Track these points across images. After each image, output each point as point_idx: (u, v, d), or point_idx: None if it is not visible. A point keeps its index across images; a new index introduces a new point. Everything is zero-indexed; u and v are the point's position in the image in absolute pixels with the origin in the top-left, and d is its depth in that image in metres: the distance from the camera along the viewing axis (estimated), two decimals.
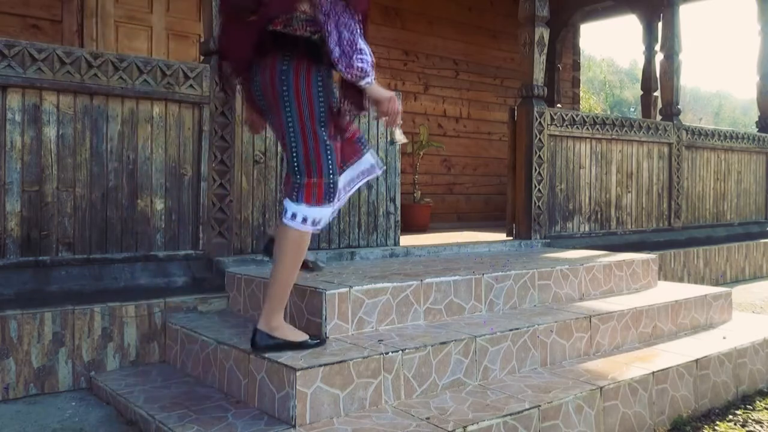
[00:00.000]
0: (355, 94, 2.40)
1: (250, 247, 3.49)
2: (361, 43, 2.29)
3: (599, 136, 5.28)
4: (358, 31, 2.29)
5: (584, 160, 5.21)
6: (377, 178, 3.95)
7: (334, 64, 2.29)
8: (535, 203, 4.72)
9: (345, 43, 2.25)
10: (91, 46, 4.85)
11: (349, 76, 2.30)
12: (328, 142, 2.42)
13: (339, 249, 3.78)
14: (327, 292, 2.60)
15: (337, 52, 2.25)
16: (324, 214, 2.43)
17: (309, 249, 3.45)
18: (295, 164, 2.40)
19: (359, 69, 2.28)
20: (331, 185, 2.43)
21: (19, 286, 2.82)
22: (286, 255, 2.38)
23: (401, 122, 2.49)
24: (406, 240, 4.35)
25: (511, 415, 2.27)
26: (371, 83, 2.34)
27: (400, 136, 2.63)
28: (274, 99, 2.39)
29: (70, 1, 4.77)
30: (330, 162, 2.42)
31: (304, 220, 2.38)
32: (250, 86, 2.50)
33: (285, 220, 2.40)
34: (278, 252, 2.41)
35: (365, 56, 2.29)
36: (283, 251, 2.39)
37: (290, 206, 2.40)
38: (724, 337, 3.44)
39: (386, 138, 4.00)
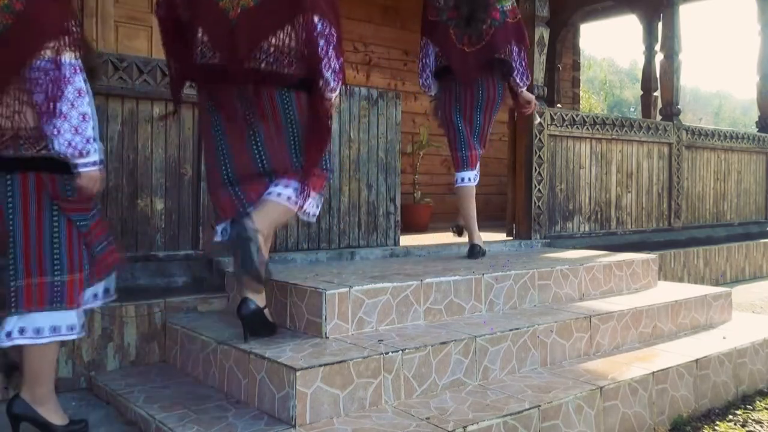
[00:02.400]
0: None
1: None
2: None
3: (599, 136, 5.28)
4: None
5: (584, 160, 5.21)
6: (377, 178, 3.95)
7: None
8: (535, 203, 4.72)
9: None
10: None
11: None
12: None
13: (339, 249, 3.78)
14: (327, 292, 2.60)
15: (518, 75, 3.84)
16: None
17: (309, 249, 3.45)
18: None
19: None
20: None
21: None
22: None
23: None
24: (406, 240, 4.35)
25: (511, 415, 2.27)
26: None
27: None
28: (493, 103, 3.80)
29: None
30: None
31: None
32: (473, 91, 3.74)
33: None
34: None
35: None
36: None
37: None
38: (724, 337, 3.44)
39: (386, 137, 4.00)
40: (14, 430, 2.19)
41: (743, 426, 2.84)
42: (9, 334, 2.11)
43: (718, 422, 2.88)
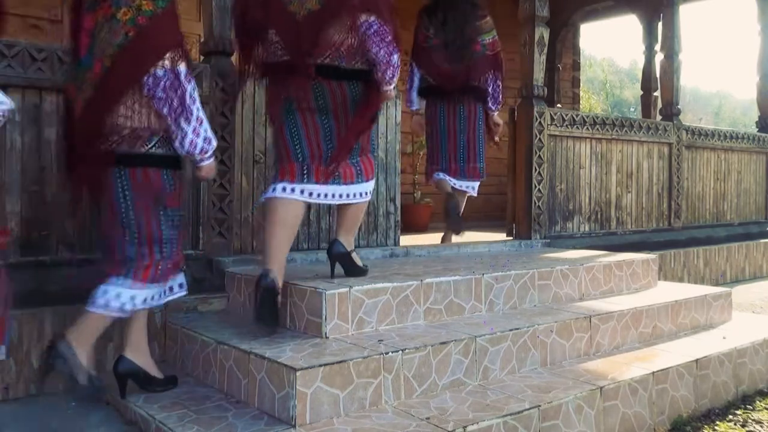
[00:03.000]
0: None
1: (251, 247, 3.49)
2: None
3: (599, 136, 5.28)
4: None
5: (584, 160, 5.20)
6: (377, 178, 3.95)
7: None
8: (535, 203, 4.72)
9: None
10: None
11: None
12: None
13: None
14: (327, 292, 2.60)
15: None
16: None
17: (309, 249, 3.44)
18: None
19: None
20: None
21: (19, 286, 2.81)
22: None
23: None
24: (406, 240, 4.35)
25: (511, 415, 2.26)
26: None
27: None
28: (475, 117, 4.25)
29: (70, 1, 4.77)
30: None
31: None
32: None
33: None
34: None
35: None
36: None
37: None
38: (724, 337, 3.44)
39: (386, 138, 4.00)
40: (121, 389, 2.50)
41: (743, 426, 2.84)
42: (134, 302, 2.44)
43: (718, 422, 2.88)
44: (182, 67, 2.35)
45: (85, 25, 2.39)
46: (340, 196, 2.81)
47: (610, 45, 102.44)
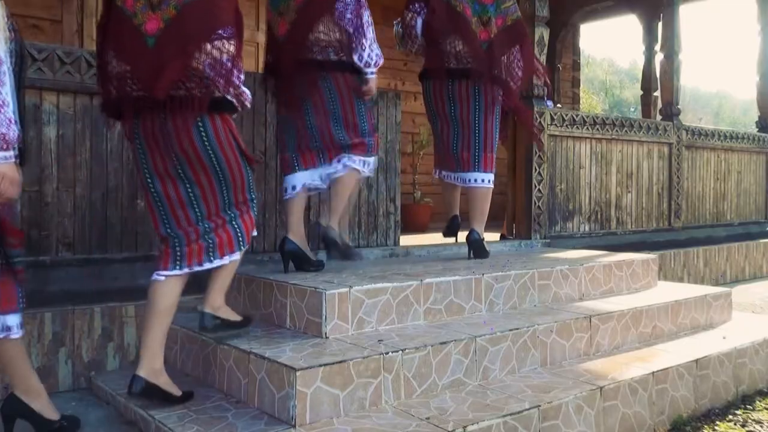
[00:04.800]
0: None
1: (251, 247, 3.48)
2: None
3: (599, 136, 5.28)
4: None
5: (584, 160, 5.21)
6: (377, 178, 3.95)
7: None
8: (535, 203, 4.73)
9: None
10: (91, 46, 4.84)
11: None
12: None
13: None
14: (327, 292, 2.60)
15: None
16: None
17: (309, 249, 3.43)
18: None
19: None
20: None
21: None
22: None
23: None
24: (406, 240, 4.35)
25: (511, 415, 2.26)
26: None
27: None
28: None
29: (70, 1, 4.77)
30: None
31: None
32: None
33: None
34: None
35: None
36: None
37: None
38: (724, 337, 3.44)
39: (386, 137, 4.00)
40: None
41: (743, 426, 2.84)
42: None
43: (718, 422, 2.88)
44: None
45: None
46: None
47: (610, 45, 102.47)
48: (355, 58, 3.05)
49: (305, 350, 2.41)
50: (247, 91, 2.45)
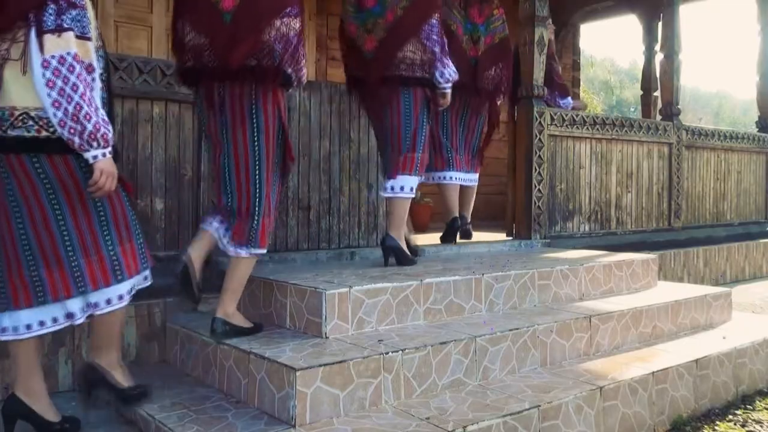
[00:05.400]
0: None
1: None
2: None
3: (599, 136, 5.28)
4: None
5: (584, 160, 5.20)
6: (377, 178, 3.95)
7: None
8: (535, 203, 4.72)
9: None
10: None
11: None
12: None
13: (339, 249, 3.78)
14: (327, 292, 2.60)
15: None
16: None
17: (309, 249, 3.44)
18: None
19: None
20: None
21: None
22: None
23: None
24: None
25: (511, 415, 2.27)
26: None
27: None
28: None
29: None
30: None
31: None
32: None
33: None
34: None
35: None
36: None
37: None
38: (723, 337, 3.44)
39: None
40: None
41: (743, 426, 2.84)
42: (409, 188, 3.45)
43: (718, 422, 2.88)
44: (437, 19, 3.30)
45: None
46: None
47: (610, 45, 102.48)
48: (437, 74, 3.33)
49: (305, 350, 2.41)
50: (305, 70, 2.67)
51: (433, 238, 4.81)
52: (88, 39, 2.13)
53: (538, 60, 4.70)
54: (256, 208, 2.55)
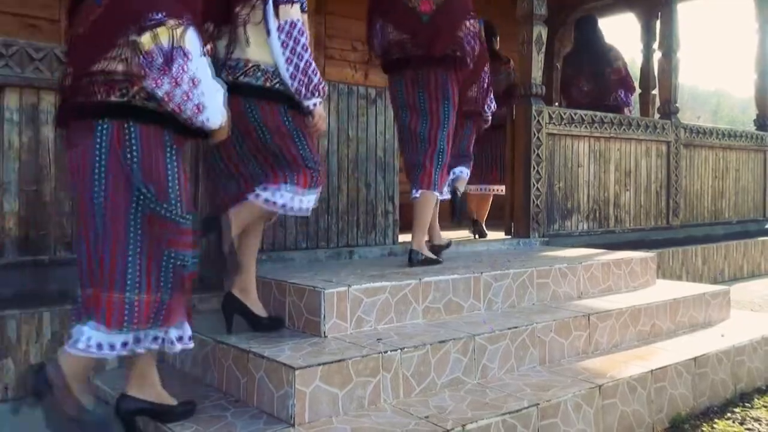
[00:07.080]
0: None
1: None
2: None
3: (597, 135, 5.28)
4: None
5: (582, 158, 5.21)
6: (376, 177, 3.95)
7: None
8: (533, 202, 4.73)
9: None
10: None
11: None
12: None
13: (337, 248, 3.78)
14: (326, 291, 2.60)
15: None
16: None
17: (307, 248, 3.44)
18: None
19: None
20: None
21: (17, 285, 2.82)
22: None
23: None
24: (404, 239, 4.34)
25: (509, 413, 2.27)
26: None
27: None
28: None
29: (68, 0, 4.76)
30: None
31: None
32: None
33: None
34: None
35: None
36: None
37: None
38: (722, 335, 3.45)
39: (385, 136, 4.00)
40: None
41: (741, 424, 2.84)
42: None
43: (716, 420, 2.88)
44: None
45: None
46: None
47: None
48: (468, 59, 3.46)
49: (304, 349, 2.41)
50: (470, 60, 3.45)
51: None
52: (305, 12, 2.56)
53: (536, 58, 4.70)
54: (439, 160, 3.38)
